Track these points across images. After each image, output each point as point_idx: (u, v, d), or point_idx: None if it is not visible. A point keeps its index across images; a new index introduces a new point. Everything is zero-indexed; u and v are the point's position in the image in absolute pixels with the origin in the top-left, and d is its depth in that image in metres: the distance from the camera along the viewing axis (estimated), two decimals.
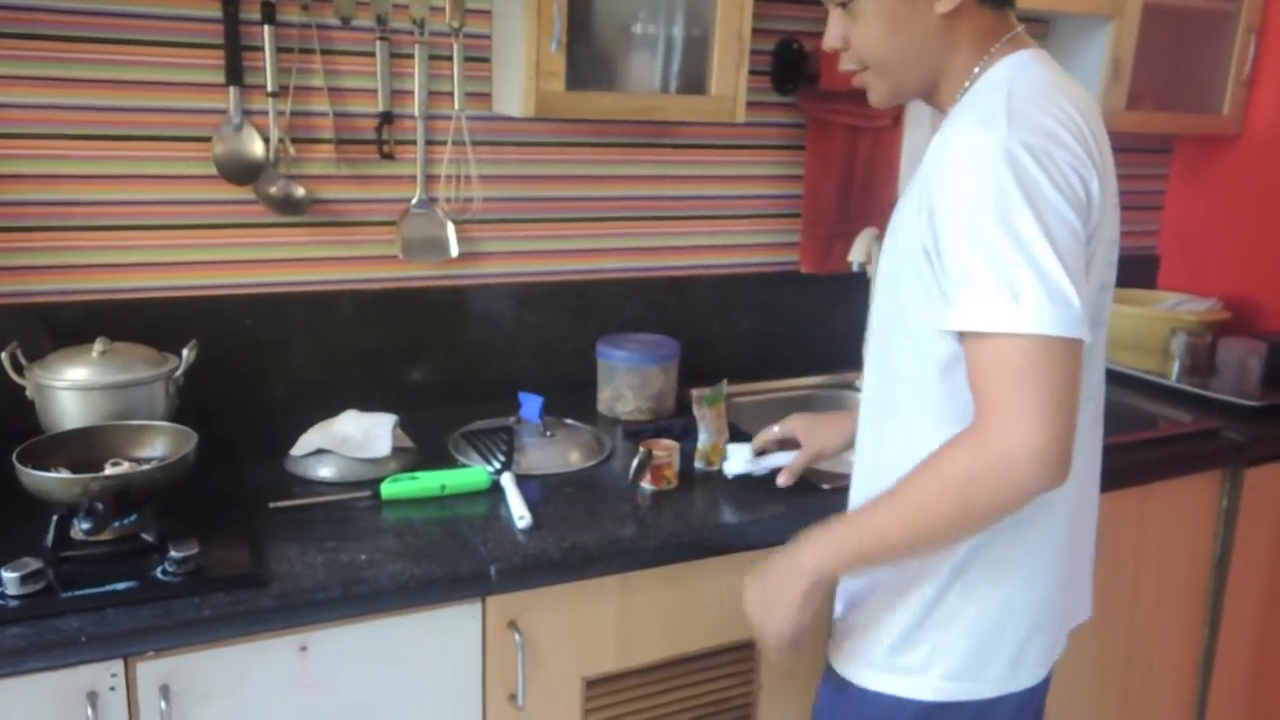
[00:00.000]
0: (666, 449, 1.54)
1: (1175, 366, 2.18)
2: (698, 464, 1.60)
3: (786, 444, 1.56)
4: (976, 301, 0.98)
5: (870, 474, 1.20)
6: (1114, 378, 2.23)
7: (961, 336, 1.01)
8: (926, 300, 1.07)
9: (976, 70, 1.09)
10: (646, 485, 1.53)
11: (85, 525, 1.20)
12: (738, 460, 1.56)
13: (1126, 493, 1.81)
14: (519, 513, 1.41)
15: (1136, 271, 2.56)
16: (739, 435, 1.66)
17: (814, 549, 1.11)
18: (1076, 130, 1.02)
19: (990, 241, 0.97)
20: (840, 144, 2.10)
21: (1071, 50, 2.24)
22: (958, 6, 1.07)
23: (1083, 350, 0.98)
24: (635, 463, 1.54)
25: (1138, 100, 2.23)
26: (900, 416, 1.16)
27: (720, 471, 1.58)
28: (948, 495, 1.00)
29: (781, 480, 1.53)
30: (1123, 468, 1.81)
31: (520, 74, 1.63)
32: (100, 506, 1.20)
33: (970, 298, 0.98)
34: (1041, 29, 2.30)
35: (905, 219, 1.11)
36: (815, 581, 1.11)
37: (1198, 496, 1.93)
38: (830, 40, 1.15)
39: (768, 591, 1.15)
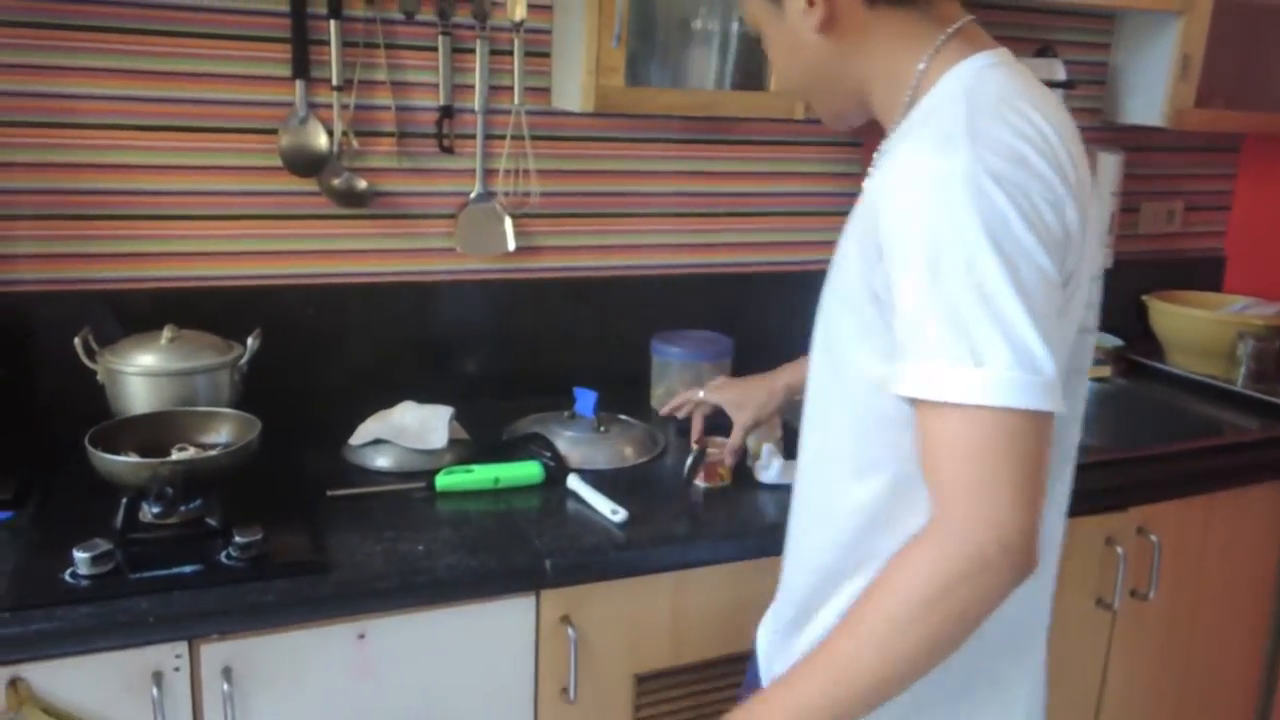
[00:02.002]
0: (720, 446, 1.54)
1: (1242, 372, 2.13)
2: (749, 463, 1.60)
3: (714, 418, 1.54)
4: (931, 365, 0.83)
5: (809, 529, 1.08)
6: (1178, 383, 2.21)
7: (913, 401, 0.87)
8: (871, 351, 0.93)
9: (917, 77, 0.95)
10: (701, 483, 1.53)
11: (155, 509, 1.23)
12: (769, 469, 1.55)
13: (1191, 501, 1.78)
14: (610, 507, 1.42)
15: (1202, 273, 2.51)
16: (794, 437, 1.65)
17: (779, 713, 0.91)
18: (1048, 150, 0.86)
19: (950, 293, 0.82)
20: None
21: (1139, 47, 2.19)
22: (828, 17, 0.95)
23: (1054, 422, 0.84)
24: (689, 461, 1.54)
25: (1207, 98, 2.18)
26: (832, 470, 1.02)
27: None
28: (915, 618, 0.84)
29: (728, 460, 1.51)
30: (1187, 475, 1.78)
31: (580, 69, 1.64)
32: (170, 491, 1.23)
33: (924, 360, 0.84)
34: (1107, 25, 2.26)
35: (848, 255, 0.96)
36: None
37: (1264, 505, 1.88)
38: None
39: None
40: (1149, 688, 1.87)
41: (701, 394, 1.55)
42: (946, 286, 0.82)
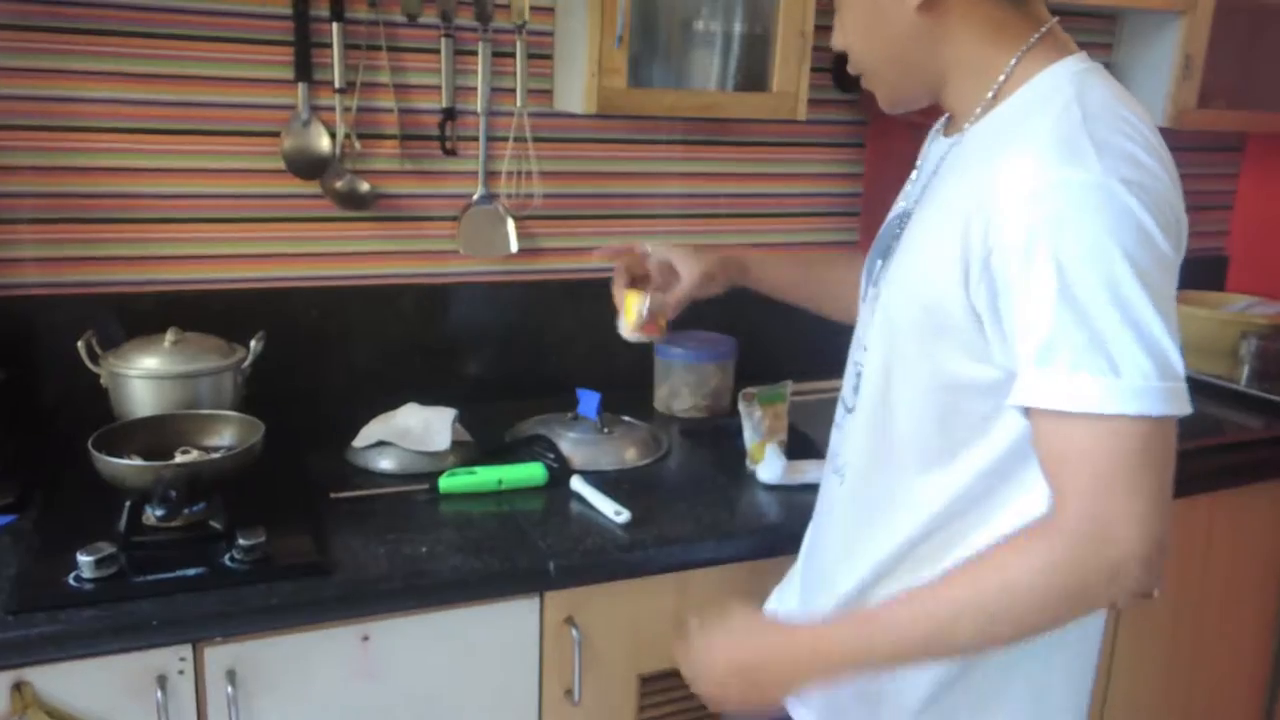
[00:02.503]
0: (661, 293, 1.38)
1: (1245, 371, 2.13)
2: (749, 464, 1.60)
3: (660, 276, 1.39)
4: (1069, 376, 0.82)
5: (863, 526, 1.08)
6: None
7: (1029, 410, 0.87)
8: (961, 353, 0.93)
9: (1006, 73, 0.94)
10: (633, 335, 1.40)
11: (159, 512, 1.24)
12: (772, 470, 1.54)
13: (1194, 500, 1.77)
14: (614, 509, 1.42)
15: (1204, 273, 2.51)
16: (798, 438, 1.65)
17: (838, 651, 0.93)
18: (1158, 156, 0.88)
19: (1086, 305, 0.81)
20: (901, 143, 2.07)
21: (1141, 47, 2.19)
22: None
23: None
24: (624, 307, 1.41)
25: (1209, 98, 2.18)
26: (895, 467, 1.03)
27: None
28: (1035, 608, 0.84)
29: (671, 314, 1.35)
30: (1190, 475, 1.76)
31: (583, 71, 1.64)
32: (173, 494, 1.23)
33: (1060, 371, 0.82)
34: (1109, 25, 2.25)
35: (932, 257, 0.93)
36: (824, 681, 0.97)
37: (1268, 504, 1.88)
38: (834, 42, 1.04)
39: (755, 674, 0.98)
40: (1154, 687, 1.87)
41: (649, 247, 1.41)
42: (1082, 297, 0.82)
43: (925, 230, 0.96)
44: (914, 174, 1.08)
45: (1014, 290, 0.85)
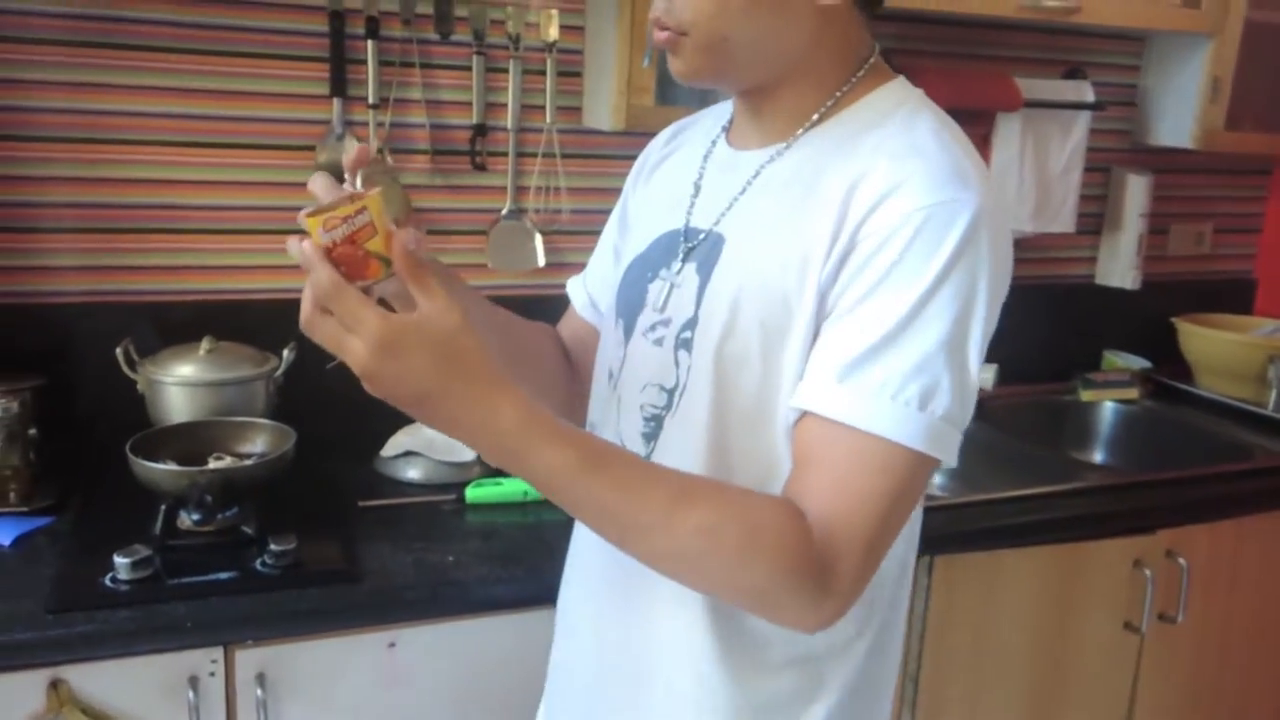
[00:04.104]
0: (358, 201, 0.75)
1: (1273, 395, 2.11)
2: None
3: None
4: (874, 393, 0.78)
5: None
6: (1207, 405, 2.20)
7: (805, 412, 0.81)
8: (799, 362, 0.84)
9: (849, 85, 0.89)
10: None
11: (195, 516, 1.26)
12: None
13: (1220, 525, 1.76)
14: None
15: (1233, 296, 2.49)
16: None
17: (540, 460, 0.76)
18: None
19: (930, 332, 0.78)
20: None
21: (1169, 69, 2.19)
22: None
23: None
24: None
25: (1237, 121, 2.17)
26: None
27: None
28: (726, 578, 0.80)
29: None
30: (1216, 499, 1.77)
31: (611, 89, 1.66)
32: (209, 498, 1.25)
33: (864, 385, 0.78)
34: (1137, 47, 2.26)
35: (776, 273, 0.85)
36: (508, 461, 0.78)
37: None
38: None
39: (432, 401, 0.76)
40: (1178, 712, 1.85)
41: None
42: (930, 323, 0.79)
43: (765, 245, 0.87)
44: (692, 189, 0.97)
45: (870, 294, 0.80)
